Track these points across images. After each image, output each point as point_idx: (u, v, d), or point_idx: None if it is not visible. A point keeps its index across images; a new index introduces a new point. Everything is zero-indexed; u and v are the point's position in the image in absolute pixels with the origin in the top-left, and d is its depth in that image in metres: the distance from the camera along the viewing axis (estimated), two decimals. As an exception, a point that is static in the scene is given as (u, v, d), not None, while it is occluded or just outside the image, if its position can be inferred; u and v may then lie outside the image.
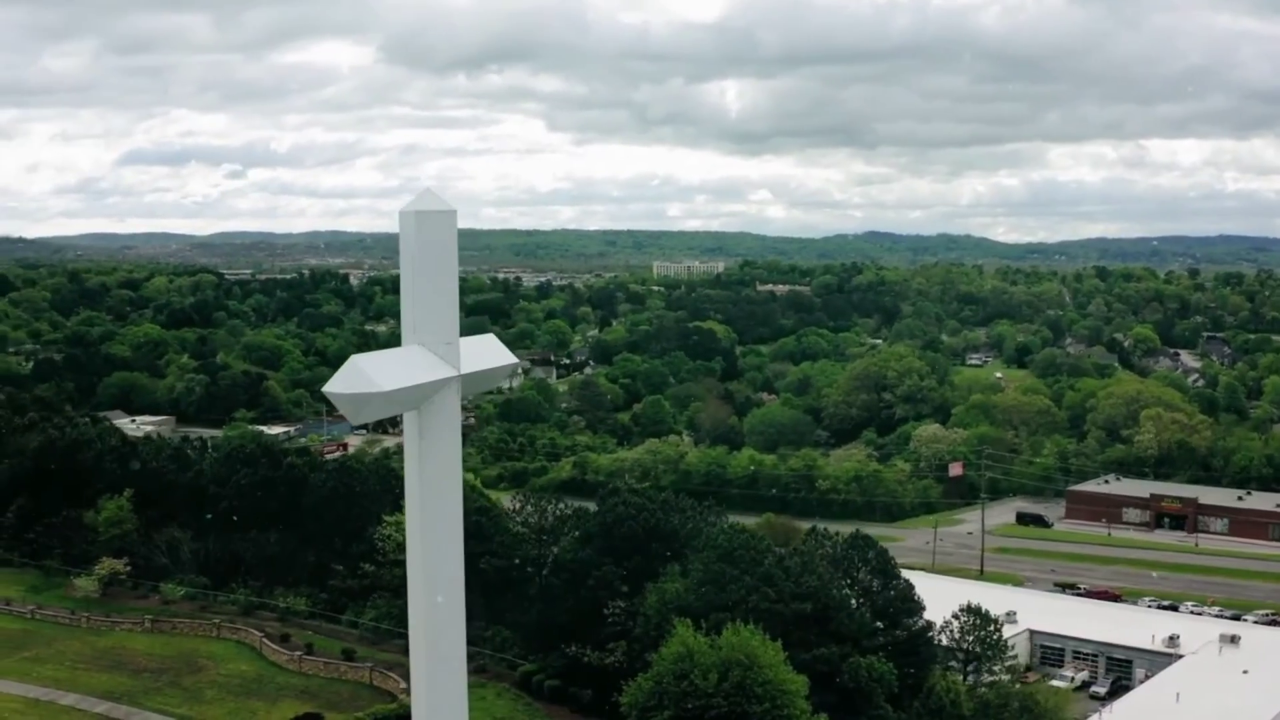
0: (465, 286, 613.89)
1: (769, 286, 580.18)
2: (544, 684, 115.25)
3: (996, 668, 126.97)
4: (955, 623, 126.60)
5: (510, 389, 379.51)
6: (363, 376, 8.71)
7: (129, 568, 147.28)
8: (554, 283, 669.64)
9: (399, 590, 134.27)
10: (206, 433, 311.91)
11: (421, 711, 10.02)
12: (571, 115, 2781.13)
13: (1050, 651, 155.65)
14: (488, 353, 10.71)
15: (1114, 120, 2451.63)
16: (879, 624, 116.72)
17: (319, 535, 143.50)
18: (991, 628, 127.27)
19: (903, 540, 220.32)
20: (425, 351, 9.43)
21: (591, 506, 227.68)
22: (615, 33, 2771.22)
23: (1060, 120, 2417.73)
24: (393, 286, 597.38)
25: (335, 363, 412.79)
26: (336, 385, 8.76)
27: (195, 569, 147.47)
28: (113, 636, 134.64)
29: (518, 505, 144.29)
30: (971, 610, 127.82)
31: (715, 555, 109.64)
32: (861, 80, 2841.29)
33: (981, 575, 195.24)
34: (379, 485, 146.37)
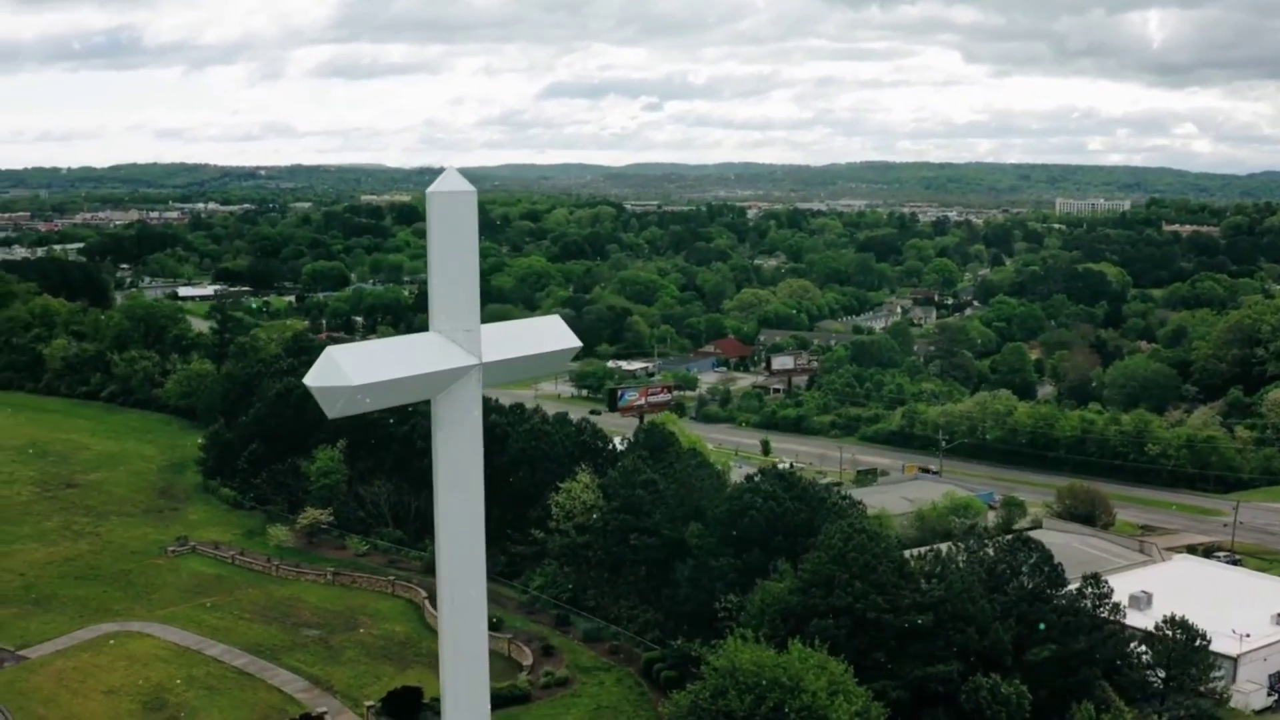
0: (862, 221, 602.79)
1: (1175, 226, 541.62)
2: (661, 674, 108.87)
3: (1203, 689, 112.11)
4: (1156, 637, 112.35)
5: (868, 331, 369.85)
6: (335, 370, 8.10)
7: (332, 518, 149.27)
8: (951, 219, 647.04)
9: (564, 559, 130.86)
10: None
11: (448, 706, 9.38)
12: (989, 46, 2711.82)
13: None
14: (538, 336, 9.96)
15: None
16: (1034, 638, 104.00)
17: (507, 497, 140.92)
18: (1198, 643, 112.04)
19: (1223, 515, 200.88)
20: (441, 339, 8.88)
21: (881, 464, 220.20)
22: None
23: None
24: (788, 221, 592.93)
25: (712, 298, 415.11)
26: (312, 378, 8.14)
27: (393, 523, 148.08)
28: (294, 587, 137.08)
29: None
30: (1176, 623, 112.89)
31: (828, 556, 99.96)
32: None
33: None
34: (565, 450, 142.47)
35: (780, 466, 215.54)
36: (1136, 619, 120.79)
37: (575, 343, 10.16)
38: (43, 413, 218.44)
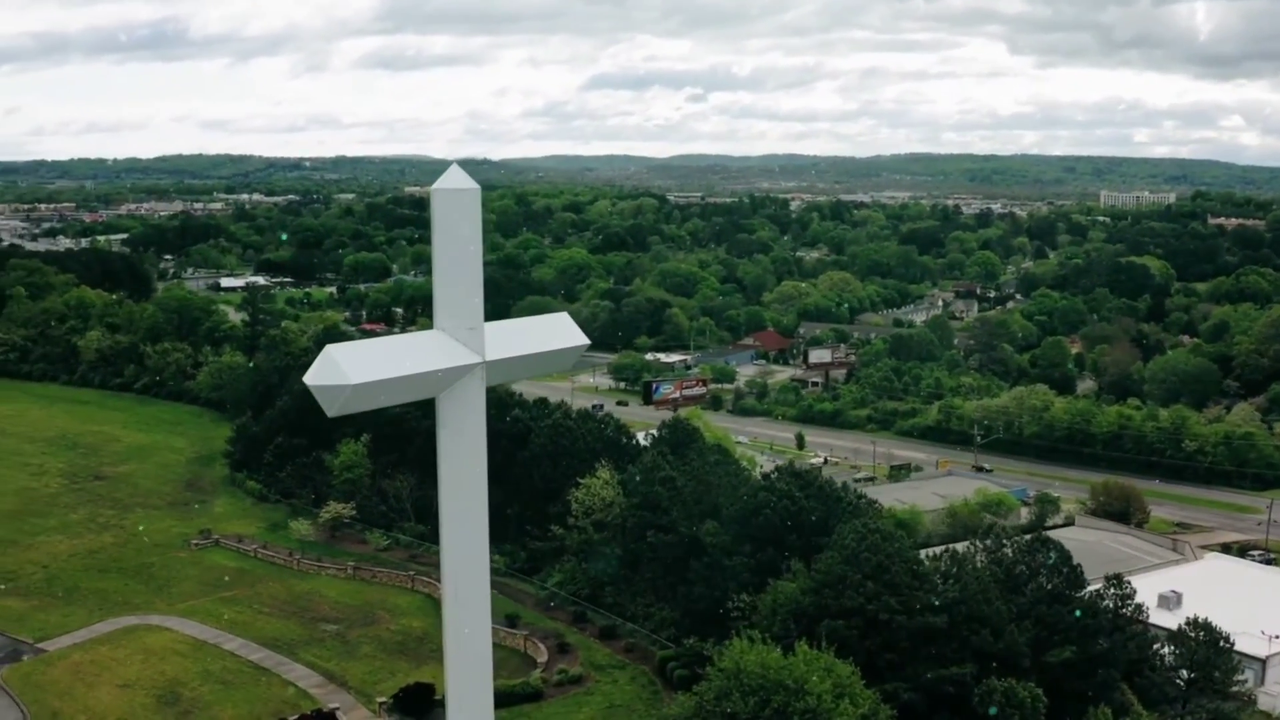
0: (905, 213, 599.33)
1: (1220, 220, 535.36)
2: (675, 672, 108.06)
3: (1229, 691, 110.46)
4: (1180, 638, 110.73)
5: (909, 324, 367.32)
6: (334, 369, 8.16)
7: (354, 512, 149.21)
8: (995, 211, 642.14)
9: (582, 555, 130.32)
10: (601, 357, 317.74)
11: (452, 703, 9.45)
12: (1034, 38, 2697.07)
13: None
14: (544, 334, 10.04)
15: None
16: (1054, 641, 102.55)
17: (529, 493, 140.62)
18: (1221, 644, 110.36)
19: (1260, 514, 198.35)
20: (444, 337, 8.95)
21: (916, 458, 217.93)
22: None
23: None
24: (830, 213, 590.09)
25: (752, 291, 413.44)
26: (311, 377, 8.26)
27: (415, 517, 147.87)
28: (314, 581, 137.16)
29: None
30: (1198, 625, 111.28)
31: (840, 556, 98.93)
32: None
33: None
34: (587, 446, 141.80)
35: (814, 461, 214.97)
36: (1165, 619, 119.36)
37: (583, 340, 10.16)
38: (76, 404, 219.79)
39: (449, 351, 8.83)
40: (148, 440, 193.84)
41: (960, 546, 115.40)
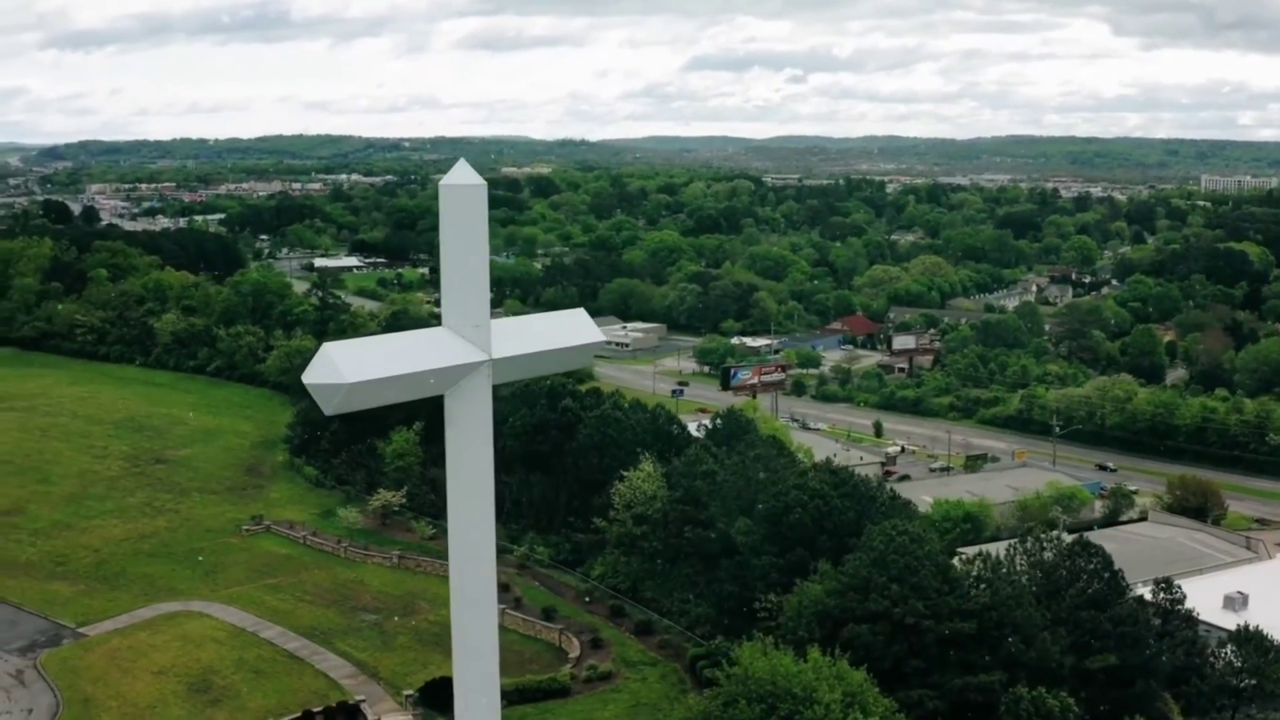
0: (1002, 196, 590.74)
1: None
2: (704, 671, 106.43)
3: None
4: (1226, 650, 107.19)
5: (1000, 310, 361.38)
6: (330, 367, 8.11)
7: (404, 500, 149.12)
8: (1094, 195, 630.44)
9: (626, 548, 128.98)
10: (687, 341, 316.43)
11: (459, 698, 9.57)
12: (1138, 19, 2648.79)
13: None
14: (554, 331, 9.93)
15: None
16: (1093, 648, 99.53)
17: (576, 483, 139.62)
18: (1270, 655, 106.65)
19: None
20: (449, 335, 8.95)
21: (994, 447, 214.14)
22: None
23: None
24: (927, 196, 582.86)
25: (844, 275, 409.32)
26: (309, 375, 8.22)
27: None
28: (359, 570, 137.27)
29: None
30: (1248, 632, 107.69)
31: (867, 558, 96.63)
32: None
33: None
34: (635, 437, 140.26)
35: (890, 450, 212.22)
36: (1229, 620, 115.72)
37: (597, 337, 10.11)
38: (150, 386, 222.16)
39: (453, 349, 8.80)
40: (214, 423, 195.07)
41: (995, 549, 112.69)
